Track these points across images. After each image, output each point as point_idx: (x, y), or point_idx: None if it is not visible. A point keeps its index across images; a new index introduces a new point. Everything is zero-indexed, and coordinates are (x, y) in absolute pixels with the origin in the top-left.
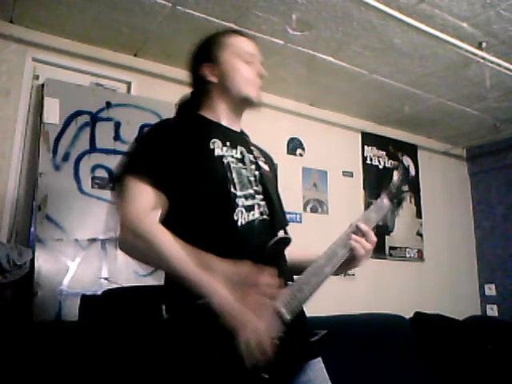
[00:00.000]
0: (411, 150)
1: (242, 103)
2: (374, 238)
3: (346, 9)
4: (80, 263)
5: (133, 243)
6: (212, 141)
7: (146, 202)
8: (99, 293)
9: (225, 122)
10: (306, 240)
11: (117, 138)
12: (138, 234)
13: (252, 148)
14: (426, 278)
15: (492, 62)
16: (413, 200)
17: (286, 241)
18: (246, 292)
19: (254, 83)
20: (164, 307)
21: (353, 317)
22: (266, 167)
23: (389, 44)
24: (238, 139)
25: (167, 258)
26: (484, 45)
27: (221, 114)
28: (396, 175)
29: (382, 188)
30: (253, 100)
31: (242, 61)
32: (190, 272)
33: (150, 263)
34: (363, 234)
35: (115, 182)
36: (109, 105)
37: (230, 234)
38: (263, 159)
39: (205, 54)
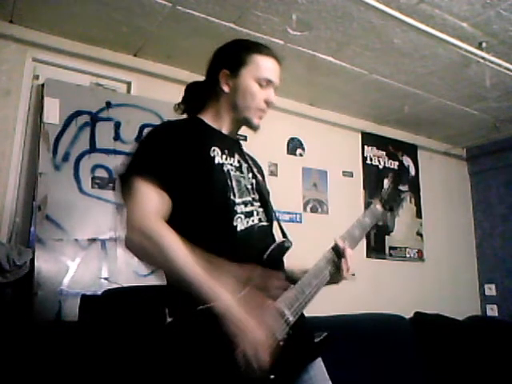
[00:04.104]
0: (411, 150)
1: (243, 122)
2: (352, 253)
3: (346, 9)
4: (80, 263)
5: (140, 243)
6: (212, 149)
7: (154, 203)
8: (99, 293)
9: (224, 130)
10: (306, 240)
11: (117, 138)
12: (146, 235)
13: (246, 157)
14: (426, 278)
15: (492, 62)
16: (413, 200)
17: (287, 245)
18: (255, 294)
19: (260, 110)
20: (167, 310)
21: (353, 317)
22: (259, 176)
23: (389, 44)
24: (235, 148)
25: (173, 260)
26: (484, 45)
27: (223, 122)
28: (386, 182)
29: (381, 188)
30: (253, 125)
31: (258, 84)
32: (194, 276)
33: (155, 264)
34: (343, 253)
35: (120, 182)
36: (109, 105)
37: (230, 239)
38: (256, 169)
39: (229, 60)
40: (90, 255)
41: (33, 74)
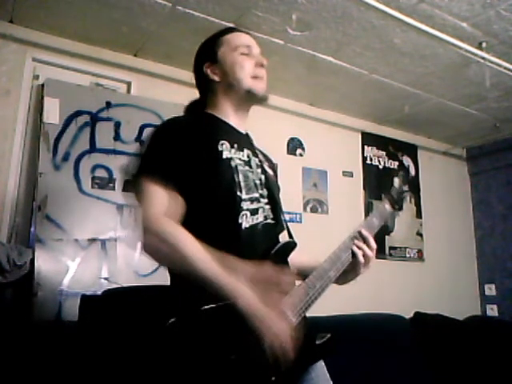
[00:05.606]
0: (411, 150)
1: (247, 98)
2: (375, 245)
3: (346, 9)
4: (80, 263)
5: (157, 247)
6: (221, 142)
7: (164, 204)
8: (99, 293)
9: (232, 122)
10: (306, 240)
11: (117, 138)
12: (161, 238)
13: (257, 151)
14: (425, 278)
15: (492, 62)
16: (413, 200)
17: (292, 245)
18: (267, 291)
19: (255, 75)
20: (170, 310)
21: (353, 317)
22: (270, 171)
23: (389, 44)
24: (244, 142)
25: (192, 261)
26: (484, 45)
27: (228, 112)
28: (397, 181)
29: (381, 188)
30: (256, 93)
31: (240, 54)
32: (215, 274)
33: (174, 266)
34: (364, 241)
35: (131, 183)
36: (109, 105)
37: (234, 237)
38: (267, 163)
39: (205, 55)
40: (89, 255)
41: (33, 73)
